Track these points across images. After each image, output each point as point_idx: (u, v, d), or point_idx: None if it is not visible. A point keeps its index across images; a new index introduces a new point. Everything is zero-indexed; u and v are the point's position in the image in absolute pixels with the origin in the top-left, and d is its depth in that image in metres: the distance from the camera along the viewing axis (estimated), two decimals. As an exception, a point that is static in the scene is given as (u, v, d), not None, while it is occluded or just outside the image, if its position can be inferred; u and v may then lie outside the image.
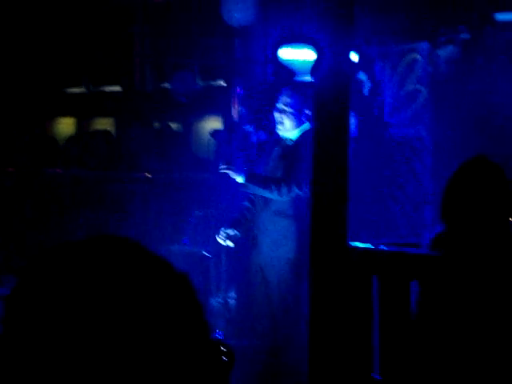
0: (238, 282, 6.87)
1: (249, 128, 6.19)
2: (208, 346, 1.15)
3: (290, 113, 5.90)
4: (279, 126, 5.91)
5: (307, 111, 5.89)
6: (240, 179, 5.93)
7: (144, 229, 8.11)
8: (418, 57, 7.13)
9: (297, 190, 5.88)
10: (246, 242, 6.21)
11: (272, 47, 7.58)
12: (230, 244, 6.24)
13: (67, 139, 10.23)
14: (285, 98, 5.93)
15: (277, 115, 5.92)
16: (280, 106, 5.91)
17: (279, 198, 5.94)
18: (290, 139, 5.95)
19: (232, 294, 7.07)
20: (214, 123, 9.42)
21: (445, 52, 6.93)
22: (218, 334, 6.55)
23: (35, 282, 1.12)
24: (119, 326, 1.09)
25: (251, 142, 6.43)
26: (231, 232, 6.17)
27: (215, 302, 7.06)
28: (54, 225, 8.80)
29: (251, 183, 5.96)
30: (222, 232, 6.16)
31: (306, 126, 5.89)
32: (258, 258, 6.14)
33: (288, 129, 5.93)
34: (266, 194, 5.97)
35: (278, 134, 6.05)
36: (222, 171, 5.86)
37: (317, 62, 3.68)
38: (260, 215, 6.11)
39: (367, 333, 3.80)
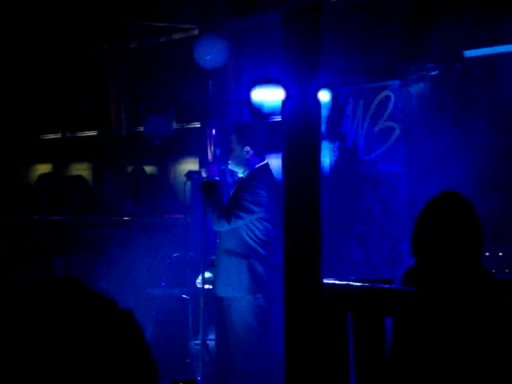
0: (216, 324, 6.84)
1: (223, 168, 6.25)
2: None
3: (237, 149, 6.02)
4: (229, 162, 6.13)
5: (258, 150, 6.04)
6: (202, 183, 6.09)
7: (122, 272, 8.07)
8: (390, 94, 7.20)
9: (242, 218, 5.89)
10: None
11: (245, 88, 7.64)
12: (209, 286, 6.27)
13: (43, 185, 10.21)
14: (234, 136, 6.08)
15: (229, 152, 6.13)
16: (230, 143, 6.12)
17: (215, 227, 6.00)
18: (241, 177, 6.08)
19: (211, 336, 7.03)
20: (190, 165, 9.43)
21: (416, 89, 7.00)
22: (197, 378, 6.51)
23: None
24: (56, 364, 1.08)
25: (226, 182, 6.49)
26: (207, 274, 6.22)
27: (194, 344, 7.02)
28: (31, 272, 8.73)
29: (203, 192, 6.02)
30: (199, 277, 6.23)
31: (258, 166, 6.03)
32: (220, 298, 6.14)
33: (234, 165, 6.10)
34: (209, 213, 6.03)
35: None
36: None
37: (284, 101, 3.70)
38: (218, 253, 6.13)
39: (343, 370, 3.79)
